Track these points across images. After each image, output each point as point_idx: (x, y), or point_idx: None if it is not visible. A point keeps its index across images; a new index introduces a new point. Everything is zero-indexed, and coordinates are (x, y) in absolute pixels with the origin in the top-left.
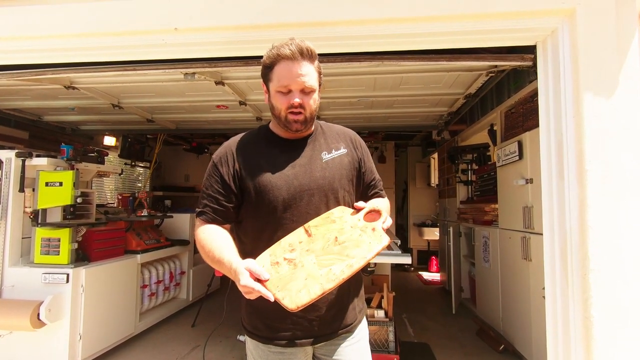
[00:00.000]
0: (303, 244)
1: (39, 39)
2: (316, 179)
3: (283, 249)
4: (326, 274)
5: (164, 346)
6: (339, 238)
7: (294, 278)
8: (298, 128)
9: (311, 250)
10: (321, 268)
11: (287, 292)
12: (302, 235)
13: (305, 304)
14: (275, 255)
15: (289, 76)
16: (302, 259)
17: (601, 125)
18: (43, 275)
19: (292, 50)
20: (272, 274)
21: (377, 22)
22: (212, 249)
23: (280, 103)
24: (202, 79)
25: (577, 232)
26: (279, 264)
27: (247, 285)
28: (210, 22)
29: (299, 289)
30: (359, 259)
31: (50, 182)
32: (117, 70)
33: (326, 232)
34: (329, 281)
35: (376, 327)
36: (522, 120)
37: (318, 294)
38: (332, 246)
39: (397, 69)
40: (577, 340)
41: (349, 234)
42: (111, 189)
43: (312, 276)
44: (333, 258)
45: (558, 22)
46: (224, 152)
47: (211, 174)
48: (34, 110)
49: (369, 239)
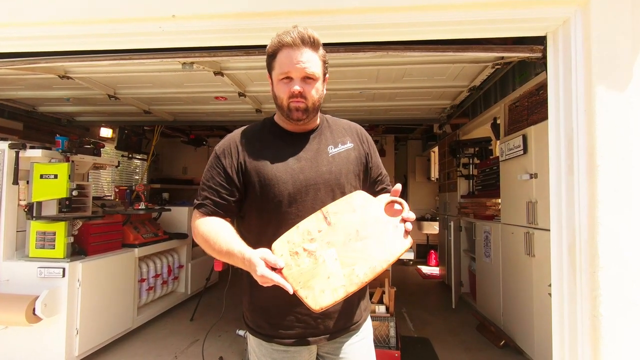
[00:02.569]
0: (322, 234)
1: (31, 25)
2: (322, 173)
3: (302, 236)
4: (349, 274)
5: (163, 340)
6: (360, 232)
7: (315, 274)
8: (299, 117)
9: (332, 244)
10: (344, 267)
11: (310, 291)
12: (321, 223)
13: (327, 305)
14: (293, 243)
15: (289, 63)
16: (323, 252)
17: (614, 120)
18: (38, 270)
19: (293, 37)
20: (292, 265)
21: (381, 10)
22: (218, 240)
23: (282, 92)
24: (200, 69)
25: (587, 228)
26: (299, 254)
27: (265, 276)
28: (209, 9)
29: (322, 288)
30: (382, 262)
31: (45, 174)
32: (113, 60)
33: (347, 224)
34: (352, 284)
35: (377, 323)
36: (526, 114)
37: (342, 297)
38: (354, 242)
39: (401, 61)
40: (585, 340)
41: (372, 228)
42: (108, 181)
43: (334, 275)
44: (356, 257)
45: (571, 11)
46: (228, 144)
47: (213, 165)
48: (28, 101)
49: (391, 238)
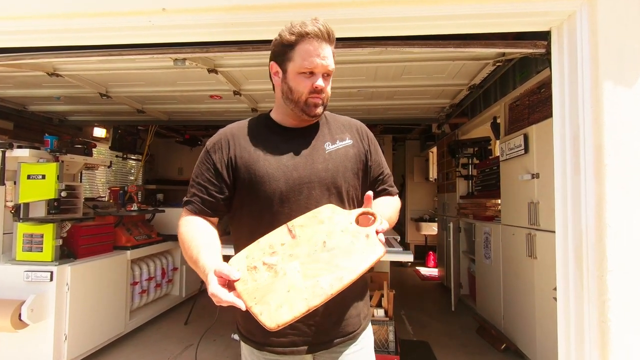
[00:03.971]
0: (286, 246)
1: (14, 19)
2: (318, 171)
3: (262, 250)
4: (312, 286)
5: (156, 345)
6: (328, 243)
7: (273, 289)
8: (317, 113)
9: (295, 256)
10: (307, 279)
11: (265, 307)
12: (285, 236)
13: (286, 322)
14: (252, 258)
15: (315, 57)
16: (284, 265)
17: (622, 117)
18: (25, 273)
19: (321, 30)
20: (248, 280)
21: (381, 4)
22: (190, 247)
23: (302, 86)
24: (193, 66)
25: (594, 230)
26: (257, 268)
27: (215, 295)
28: (200, 2)
29: (280, 303)
30: (350, 271)
31: (32, 174)
32: (102, 56)
33: (313, 235)
34: (315, 296)
35: (376, 327)
36: (527, 113)
37: (302, 312)
38: (319, 253)
39: (400, 58)
40: (592, 346)
41: (339, 239)
42: (103, 182)
43: (295, 288)
44: (320, 268)
45: (576, 5)
46: (219, 139)
47: (203, 161)
48: (17, 100)
49: (361, 247)
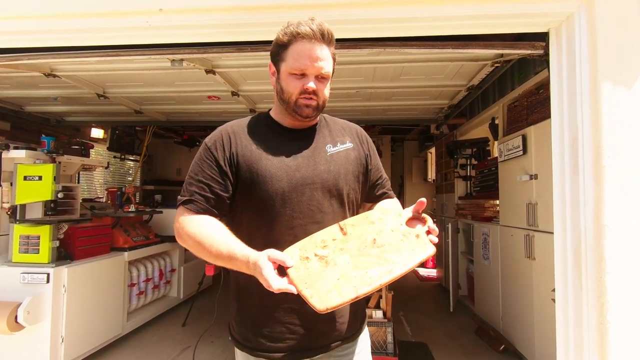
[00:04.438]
0: (337, 241)
1: (11, 19)
2: (320, 172)
3: (314, 244)
4: (361, 276)
5: (153, 347)
6: (378, 240)
7: (324, 277)
8: (309, 114)
9: (345, 250)
10: (357, 270)
11: (315, 290)
12: (337, 233)
13: (335, 306)
14: (305, 249)
15: (306, 59)
16: (335, 257)
17: (621, 118)
18: (22, 275)
19: (314, 30)
20: (300, 268)
21: (378, 4)
22: (214, 243)
23: (292, 87)
24: (191, 67)
25: (592, 231)
26: (309, 259)
27: (269, 279)
28: (198, 3)
29: (330, 289)
30: (401, 265)
31: (29, 175)
32: (99, 56)
33: (363, 232)
34: (364, 285)
35: (374, 328)
36: (526, 114)
37: (351, 297)
38: (369, 248)
39: (398, 58)
40: (591, 348)
41: (390, 237)
42: (101, 183)
43: (345, 277)
44: (370, 261)
45: (574, 6)
46: (219, 136)
47: (203, 158)
48: (14, 100)
49: (411, 245)
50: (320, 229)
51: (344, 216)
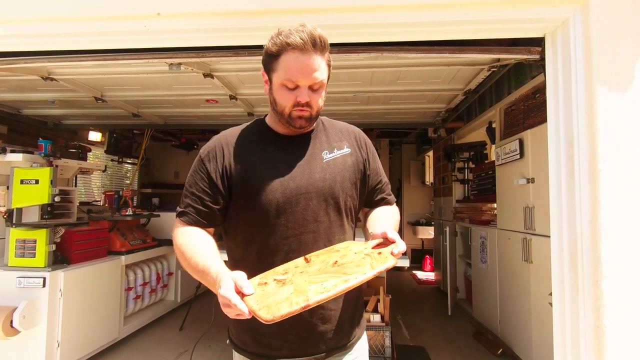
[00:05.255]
0: (299, 268)
1: (9, 23)
2: (315, 181)
3: (275, 272)
4: (316, 288)
5: (150, 351)
6: (339, 261)
7: (278, 293)
8: (302, 125)
9: (305, 273)
10: (312, 284)
11: (265, 304)
12: (300, 262)
13: (283, 315)
14: (266, 277)
15: (298, 70)
16: (293, 278)
17: (616, 122)
18: (17, 279)
19: (304, 40)
20: (257, 292)
21: (375, 9)
22: (194, 256)
23: (285, 99)
24: (189, 71)
25: (589, 236)
26: (267, 284)
27: (226, 296)
28: (195, 7)
29: (280, 301)
30: (357, 274)
31: (25, 179)
32: (97, 60)
33: (327, 258)
34: (316, 293)
35: (372, 332)
36: (522, 118)
37: (301, 305)
38: (329, 267)
39: (396, 63)
40: (588, 352)
41: (352, 257)
42: (98, 186)
43: (299, 289)
44: (327, 276)
45: (570, 11)
46: (213, 147)
47: (197, 170)
48: (11, 103)
49: (372, 260)
50: (315, 238)
51: (341, 224)
